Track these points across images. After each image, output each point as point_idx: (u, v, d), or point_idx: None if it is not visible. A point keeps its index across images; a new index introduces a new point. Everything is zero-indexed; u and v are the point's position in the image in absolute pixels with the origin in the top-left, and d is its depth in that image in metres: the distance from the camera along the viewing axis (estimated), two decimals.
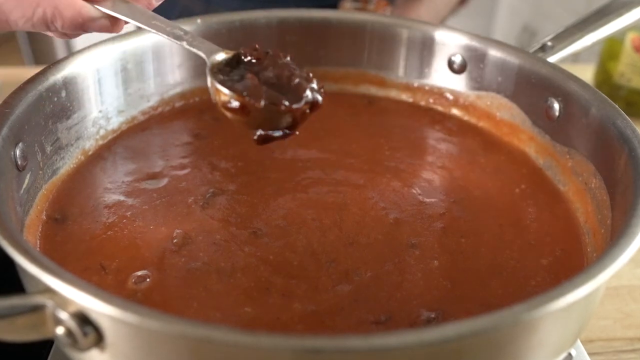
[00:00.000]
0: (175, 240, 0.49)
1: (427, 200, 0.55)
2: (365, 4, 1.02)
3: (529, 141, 0.61)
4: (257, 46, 0.49)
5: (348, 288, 0.45)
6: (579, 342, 0.54)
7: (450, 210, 0.54)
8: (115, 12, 0.47)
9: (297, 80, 0.47)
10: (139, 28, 0.49)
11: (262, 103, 0.45)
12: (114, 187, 0.55)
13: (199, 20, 0.64)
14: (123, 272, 0.46)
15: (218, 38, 0.65)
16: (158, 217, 0.51)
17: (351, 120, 0.66)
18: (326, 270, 0.47)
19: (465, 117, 0.66)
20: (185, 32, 0.49)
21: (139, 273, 0.46)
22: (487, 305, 0.44)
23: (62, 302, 0.34)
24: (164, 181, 0.55)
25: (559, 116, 0.57)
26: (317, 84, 0.48)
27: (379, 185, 0.56)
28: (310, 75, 0.49)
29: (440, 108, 0.68)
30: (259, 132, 0.47)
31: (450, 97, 0.67)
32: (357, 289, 0.45)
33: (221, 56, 0.48)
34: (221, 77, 0.47)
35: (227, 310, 0.43)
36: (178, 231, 0.50)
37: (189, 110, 0.65)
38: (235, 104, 0.45)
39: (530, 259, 0.49)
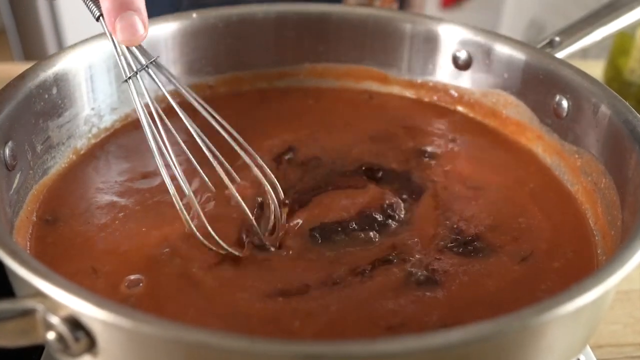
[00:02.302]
0: (168, 243, 0.49)
1: (433, 202, 0.55)
2: (371, 0, 1.01)
3: (537, 140, 0.61)
4: None
5: (357, 291, 0.45)
6: (588, 347, 0.54)
7: (457, 210, 0.54)
8: None
9: None
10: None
11: None
12: (106, 187, 0.55)
13: (194, 15, 0.64)
14: (115, 275, 0.46)
15: (215, 33, 0.65)
16: (152, 219, 0.51)
17: (352, 118, 0.66)
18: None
19: (471, 115, 0.66)
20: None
21: (132, 277, 0.46)
22: (497, 309, 0.44)
23: (53, 306, 0.34)
24: (158, 181, 0.55)
25: (567, 114, 0.57)
26: None
27: (381, 184, 0.56)
28: None
29: (444, 105, 0.68)
30: None
31: (455, 94, 0.67)
32: (366, 292, 0.45)
33: None
34: None
35: (227, 318, 0.43)
36: (172, 233, 0.49)
37: (185, 108, 0.65)
38: None
39: (541, 261, 0.49)
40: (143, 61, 0.48)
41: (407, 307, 0.44)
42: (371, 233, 0.50)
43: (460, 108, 0.67)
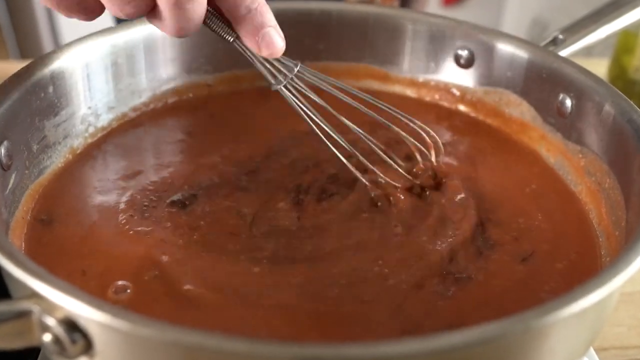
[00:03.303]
0: (163, 246, 0.48)
1: (436, 202, 0.54)
2: None
3: (540, 139, 0.61)
4: None
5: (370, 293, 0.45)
6: (592, 350, 0.54)
7: (458, 210, 0.53)
8: None
9: None
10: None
11: None
12: (103, 187, 0.54)
13: None
14: (105, 279, 0.45)
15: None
16: (149, 220, 0.51)
17: (353, 116, 0.66)
18: (333, 277, 0.47)
19: (473, 114, 0.66)
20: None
21: (120, 282, 0.45)
22: (502, 311, 0.44)
23: (49, 307, 0.34)
24: (153, 180, 0.55)
25: (571, 113, 0.57)
26: None
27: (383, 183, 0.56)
28: None
29: (446, 104, 0.68)
30: None
31: (457, 93, 0.67)
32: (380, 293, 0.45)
33: None
34: None
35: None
36: (168, 234, 0.49)
37: (183, 107, 0.65)
38: None
39: (543, 262, 0.49)
40: (288, 66, 0.53)
41: (420, 310, 0.44)
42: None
43: (462, 107, 0.67)
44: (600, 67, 0.99)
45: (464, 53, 0.65)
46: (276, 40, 0.50)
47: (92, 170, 0.56)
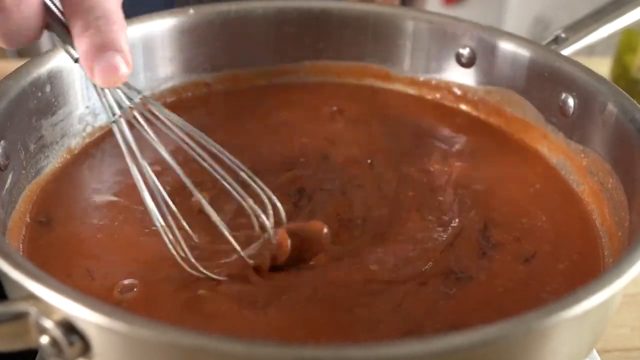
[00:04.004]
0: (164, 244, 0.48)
1: (437, 201, 0.55)
2: None
3: (542, 139, 0.61)
4: None
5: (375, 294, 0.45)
6: (594, 352, 0.54)
7: (460, 210, 0.53)
8: None
9: None
10: None
11: None
12: (101, 187, 0.54)
13: (191, 11, 0.64)
14: (109, 279, 0.45)
15: (212, 29, 0.65)
16: (148, 220, 0.51)
17: (352, 116, 0.66)
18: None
19: (474, 113, 0.66)
20: None
21: (126, 282, 0.45)
22: (503, 312, 0.44)
23: (47, 309, 0.34)
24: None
25: (573, 112, 0.57)
26: None
27: (385, 183, 0.56)
28: None
29: (447, 103, 0.68)
30: None
31: (458, 92, 0.67)
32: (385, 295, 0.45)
33: None
34: None
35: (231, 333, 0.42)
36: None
37: (181, 106, 0.65)
38: None
39: (546, 263, 0.49)
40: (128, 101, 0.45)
41: (421, 309, 0.44)
42: None
43: (463, 106, 0.67)
44: (602, 66, 0.99)
45: (465, 52, 0.65)
46: (118, 66, 0.41)
47: (91, 170, 0.56)
